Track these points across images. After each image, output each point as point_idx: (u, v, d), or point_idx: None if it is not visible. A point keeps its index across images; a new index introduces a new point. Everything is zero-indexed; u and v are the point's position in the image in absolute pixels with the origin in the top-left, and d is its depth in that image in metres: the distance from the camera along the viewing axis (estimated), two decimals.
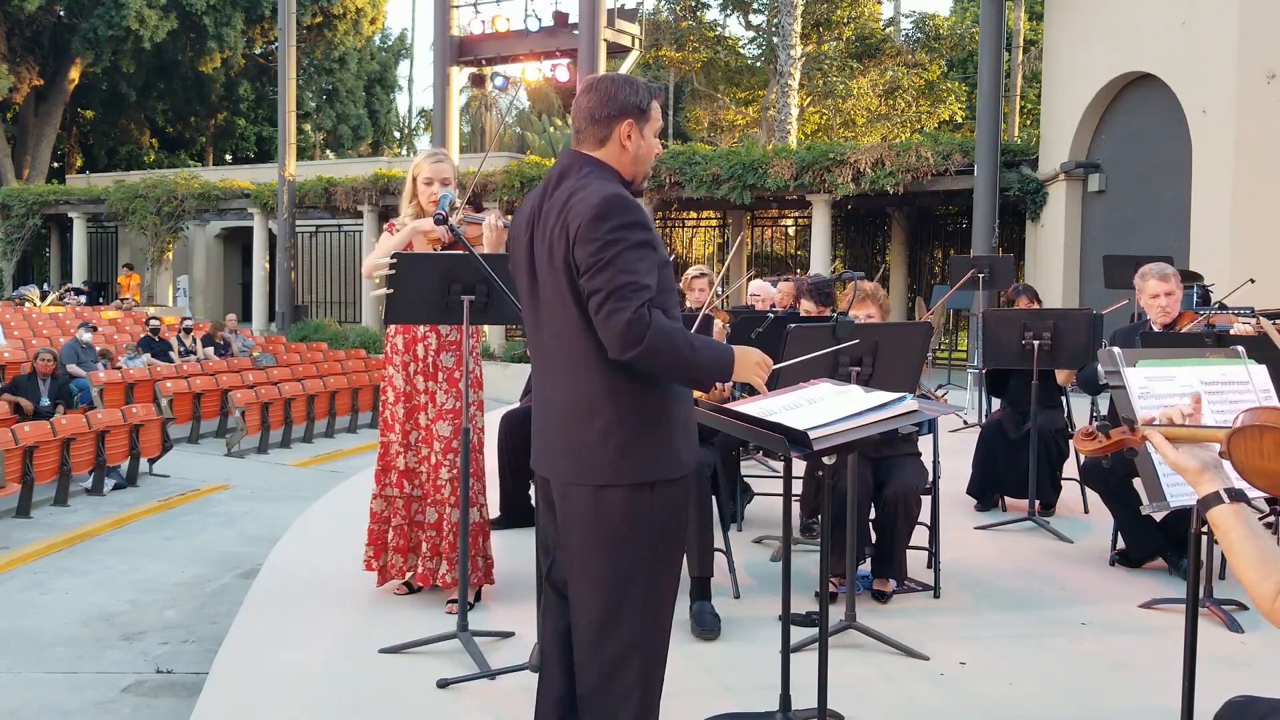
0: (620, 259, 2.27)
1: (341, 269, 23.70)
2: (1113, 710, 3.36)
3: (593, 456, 2.39)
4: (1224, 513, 1.81)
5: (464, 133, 34.84)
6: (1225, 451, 1.82)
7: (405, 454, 4.09)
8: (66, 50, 28.62)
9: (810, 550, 4.87)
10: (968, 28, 23.15)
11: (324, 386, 14.91)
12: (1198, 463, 1.87)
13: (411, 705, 3.30)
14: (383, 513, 4.15)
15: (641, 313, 2.25)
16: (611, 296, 2.25)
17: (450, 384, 4.06)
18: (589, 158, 2.46)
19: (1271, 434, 1.76)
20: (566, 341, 2.41)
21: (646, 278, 2.30)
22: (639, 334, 2.24)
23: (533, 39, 17.99)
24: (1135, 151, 12.05)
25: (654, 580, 2.43)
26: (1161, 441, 1.91)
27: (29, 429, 9.81)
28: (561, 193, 2.41)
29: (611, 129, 2.45)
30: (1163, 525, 4.62)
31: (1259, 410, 1.80)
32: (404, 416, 4.08)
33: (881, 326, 4.07)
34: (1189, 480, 1.89)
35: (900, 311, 18.02)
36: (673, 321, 2.33)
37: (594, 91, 2.47)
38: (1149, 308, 4.98)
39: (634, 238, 2.30)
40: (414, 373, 4.07)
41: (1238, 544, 1.77)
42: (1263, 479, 1.80)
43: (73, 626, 6.10)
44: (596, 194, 2.33)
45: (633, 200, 2.38)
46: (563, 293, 2.37)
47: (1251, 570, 1.74)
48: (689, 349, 2.31)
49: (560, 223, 2.36)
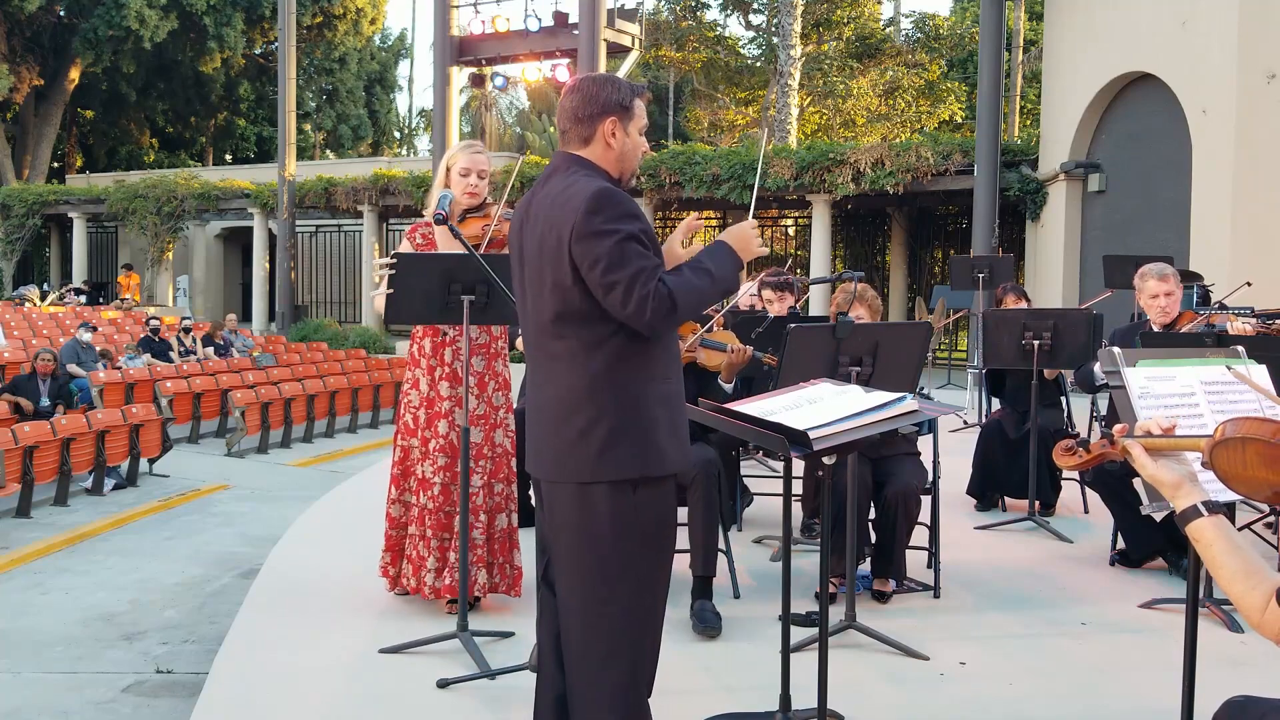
0: (626, 248, 2.31)
1: (341, 269, 23.70)
2: (1113, 710, 3.36)
3: (575, 454, 2.40)
4: (1203, 526, 1.81)
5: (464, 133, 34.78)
6: (1208, 462, 1.81)
7: (423, 462, 3.95)
8: (66, 50, 28.62)
9: (810, 550, 4.87)
10: (968, 28, 23.14)
11: (324, 386, 14.91)
12: (1175, 476, 1.87)
13: (411, 705, 3.30)
14: (401, 519, 4.03)
15: (659, 286, 2.30)
16: (635, 283, 2.29)
17: (480, 389, 3.98)
18: (576, 157, 2.49)
19: (1254, 445, 1.76)
20: (550, 338, 2.43)
21: (653, 261, 2.35)
22: (669, 304, 2.31)
23: (533, 39, 17.98)
24: (1135, 151, 12.05)
25: (640, 578, 2.43)
26: (1140, 454, 1.91)
27: (29, 429, 9.80)
28: (548, 191, 2.44)
29: (595, 127, 2.47)
30: (1163, 525, 4.61)
31: (1241, 421, 1.80)
32: (425, 423, 3.96)
33: (882, 327, 4.07)
34: (1166, 494, 1.89)
35: (900, 311, 18.02)
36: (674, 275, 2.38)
37: (576, 92, 2.50)
38: (1148, 308, 4.98)
39: (629, 228, 2.33)
40: (439, 378, 3.95)
41: (1220, 557, 1.77)
42: (1247, 486, 1.80)
43: (73, 626, 6.10)
44: (585, 190, 2.35)
45: (622, 192, 2.41)
46: (546, 289, 2.40)
47: (1237, 583, 1.73)
48: (704, 278, 2.41)
49: (548, 220, 2.39)
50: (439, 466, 3.93)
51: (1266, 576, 1.71)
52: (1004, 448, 5.82)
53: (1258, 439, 1.76)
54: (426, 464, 3.96)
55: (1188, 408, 2.31)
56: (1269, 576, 1.71)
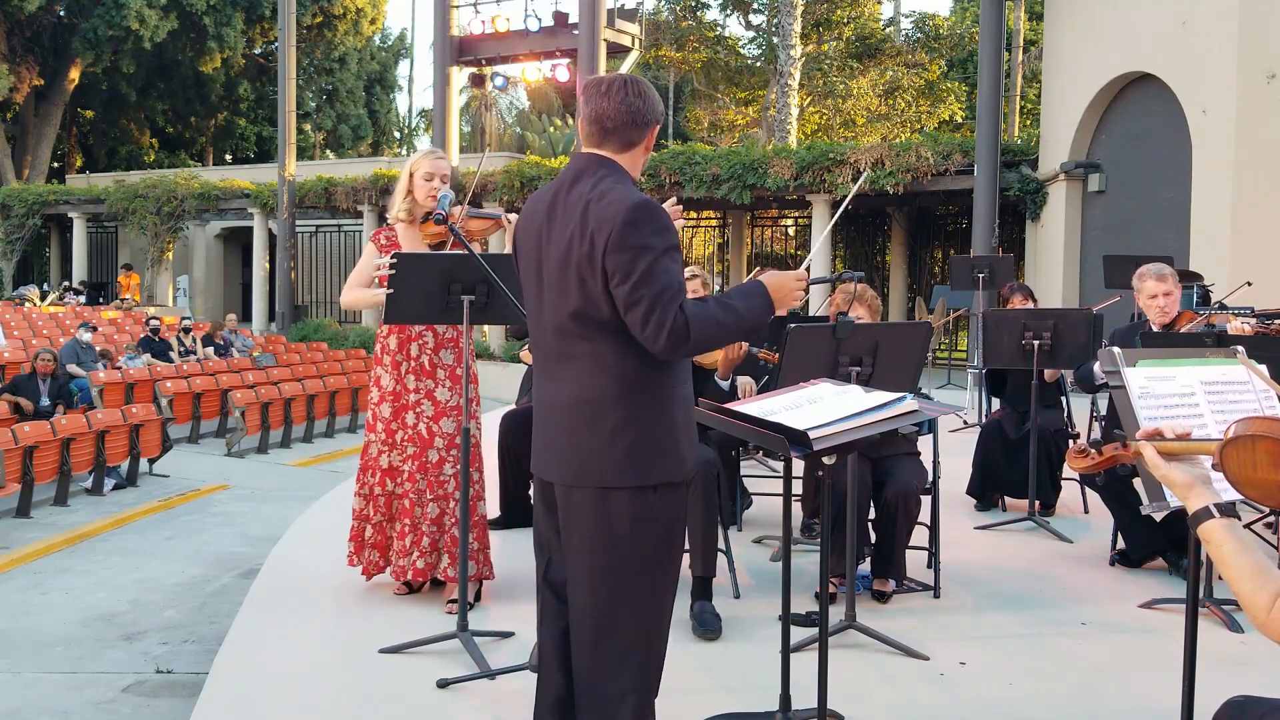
0: (658, 265, 2.30)
1: (341, 269, 23.68)
2: (1113, 710, 3.36)
3: (597, 458, 2.39)
4: (1215, 527, 1.81)
5: (464, 133, 34.81)
6: (1218, 463, 1.82)
7: (390, 452, 4.11)
8: (66, 50, 28.62)
9: (810, 550, 4.87)
10: (968, 28, 23.13)
11: (324, 386, 14.91)
12: (1188, 478, 1.88)
13: (411, 705, 3.30)
14: (362, 510, 4.18)
15: (678, 315, 2.29)
16: (656, 306, 2.27)
17: (453, 380, 4.09)
18: (606, 159, 2.46)
19: (1264, 443, 1.76)
20: (571, 338, 2.41)
21: (680, 280, 2.35)
22: (683, 335, 2.29)
23: (533, 39, 17.99)
24: (1135, 151, 12.04)
25: (653, 582, 2.44)
26: (1153, 456, 1.92)
27: (29, 429, 9.81)
28: (579, 193, 2.41)
29: (645, 133, 2.49)
30: (1163, 525, 4.62)
31: (1251, 420, 1.80)
32: (390, 415, 4.09)
33: (882, 326, 4.07)
34: (1179, 495, 1.90)
35: (900, 311, 18.02)
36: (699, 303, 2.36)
37: (639, 96, 2.46)
38: (1147, 308, 4.98)
39: (665, 243, 2.33)
40: (405, 372, 4.08)
41: (1230, 558, 1.77)
42: (1256, 490, 1.80)
43: (73, 626, 6.10)
44: (625, 200, 2.33)
45: (659, 206, 2.40)
46: (573, 293, 2.37)
47: (1246, 583, 1.74)
48: (729, 314, 2.37)
49: (581, 224, 2.36)
50: (408, 455, 4.08)
51: (1275, 577, 1.71)
52: (1004, 448, 5.82)
53: (1269, 437, 1.75)
54: (395, 454, 4.11)
55: (1188, 408, 2.31)
56: (1277, 577, 1.71)
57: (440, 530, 4.08)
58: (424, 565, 4.08)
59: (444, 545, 4.08)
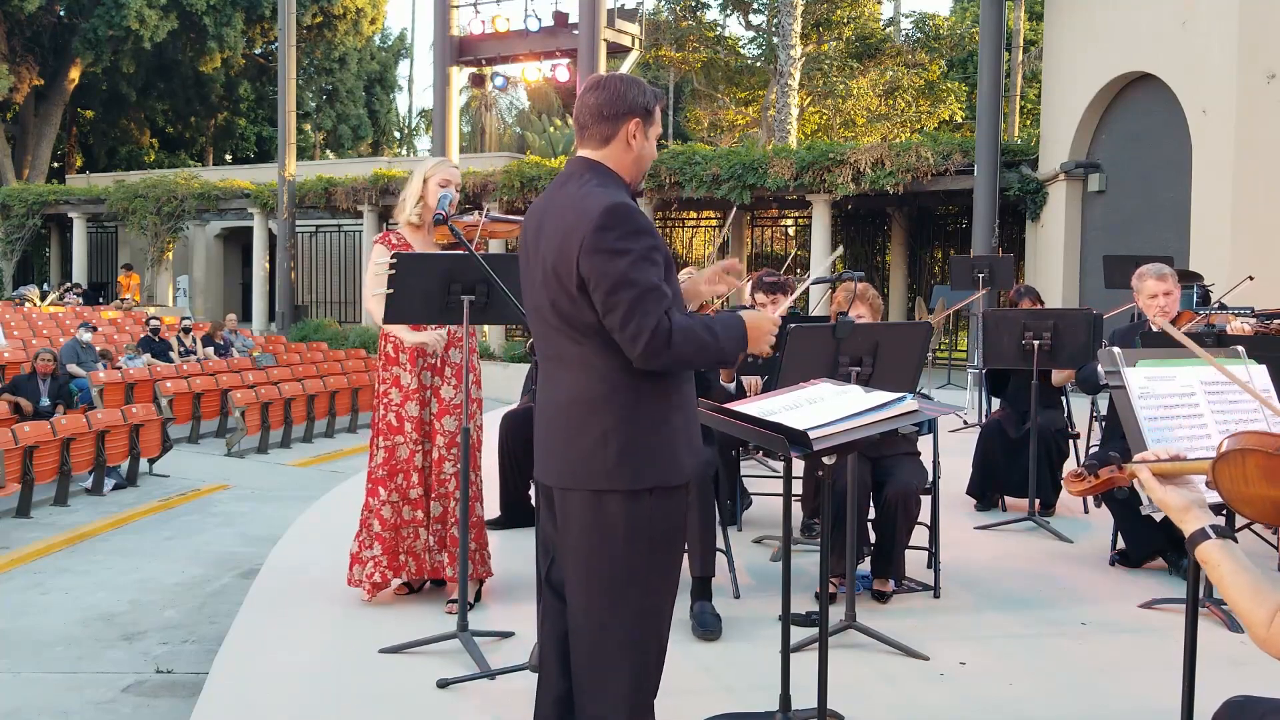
0: (634, 269, 2.27)
1: (341, 269, 23.69)
2: (1113, 710, 3.36)
3: (591, 461, 2.38)
4: (1211, 549, 1.82)
5: (464, 133, 34.84)
6: (1212, 481, 1.82)
7: (422, 452, 4.10)
8: (66, 50, 28.62)
9: (810, 550, 4.87)
10: (968, 28, 23.14)
11: (324, 386, 14.91)
12: (1184, 501, 1.89)
13: (411, 705, 3.30)
14: (393, 520, 4.07)
15: (663, 320, 2.27)
16: (635, 310, 2.26)
17: (458, 379, 4.10)
18: (593, 163, 2.46)
19: (1254, 457, 1.76)
20: (562, 342, 2.42)
21: (661, 283, 2.31)
22: (663, 343, 2.27)
23: (533, 39, 17.98)
24: (1135, 151, 12.05)
25: (651, 584, 2.43)
26: (1149, 478, 1.93)
27: (29, 429, 9.80)
28: (563, 197, 2.42)
29: (618, 127, 2.45)
30: (1163, 525, 4.60)
31: (1240, 435, 1.81)
32: (417, 414, 4.08)
33: (882, 326, 4.07)
34: (1175, 518, 1.91)
35: (900, 311, 18.02)
36: (687, 318, 2.35)
37: (602, 89, 2.46)
38: (1147, 308, 4.98)
39: (641, 245, 2.30)
40: (422, 368, 4.09)
41: (1228, 577, 1.79)
42: (1250, 506, 1.81)
43: (73, 626, 6.09)
44: (599, 202, 2.32)
45: (635, 207, 2.38)
46: (562, 297, 2.37)
47: (1245, 601, 1.75)
48: (710, 337, 2.36)
49: (562, 227, 2.36)
50: (424, 451, 4.11)
51: (1273, 593, 1.73)
52: (1004, 448, 5.82)
53: (1257, 450, 1.76)
54: (420, 454, 4.09)
55: (1187, 408, 2.31)
56: (1275, 593, 1.72)
57: (444, 528, 4.10)
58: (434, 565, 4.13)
59: (447, 543, 4.09)
